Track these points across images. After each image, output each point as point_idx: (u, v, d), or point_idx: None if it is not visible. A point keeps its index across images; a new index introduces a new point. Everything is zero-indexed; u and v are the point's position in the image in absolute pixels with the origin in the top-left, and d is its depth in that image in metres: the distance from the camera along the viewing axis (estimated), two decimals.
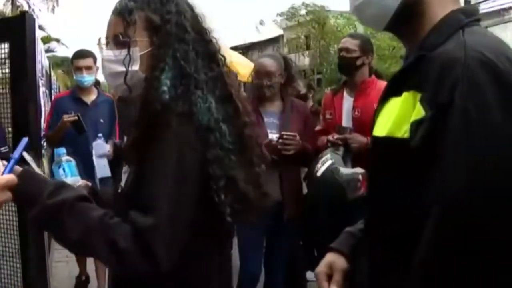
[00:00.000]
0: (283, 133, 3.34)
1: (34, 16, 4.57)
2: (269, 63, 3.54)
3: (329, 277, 1.44)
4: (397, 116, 1.21)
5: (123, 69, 1.48)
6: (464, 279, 1.08)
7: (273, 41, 34.14)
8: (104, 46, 1.56)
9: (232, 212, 1.39)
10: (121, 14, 1.48)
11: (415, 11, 1.25)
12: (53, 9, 24.87)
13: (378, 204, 1.30)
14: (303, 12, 23.01)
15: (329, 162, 3.25)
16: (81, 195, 1.38)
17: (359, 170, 3.23)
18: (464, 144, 1.07)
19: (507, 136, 1.07)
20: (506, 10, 24.73)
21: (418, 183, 1.13)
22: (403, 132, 1.17)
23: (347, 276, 1.44)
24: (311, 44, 24.51)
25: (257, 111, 3.51)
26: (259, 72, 3.55)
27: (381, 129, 1.27)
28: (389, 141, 1.22)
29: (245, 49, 32.52)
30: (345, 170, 3.26)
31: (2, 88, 4.57)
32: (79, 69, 4.49)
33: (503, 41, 1.22)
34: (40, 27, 26.31)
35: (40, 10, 24.93)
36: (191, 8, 1.53)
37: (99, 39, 1.62)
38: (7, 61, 4.34)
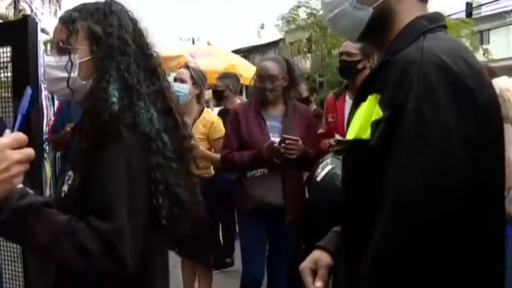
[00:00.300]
0: (285, 136, 3.33)
1: (37, 20, 4.56)
2: (272, 66, 3.54)
3: (314, 273, 1.47)
4: (362, 119, 1.25)
5: (62, 75, 1.54)
6: (414, 277, 1.12)
7: (275, 44, 34.18)
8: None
9: (168, 216, 1.48)
10: (65, 23, 1.56)
11: (385, 20, 1.31)
12: (55, 13, 24.91)
13: (350, 205, 1.35)
14: (303, 15, 23.03)
15: (329, 167, 3.24)
16: (46, 201, 1.46)
17: None
18: (418, 144, 1.11)
19: (459, 136, 1.11)
20: (508, 12, 24.73)
21: (379, 184, 1.17)
22: (368, 133, 1.22)
23: (332, 272, 1.47)
24: (313, 47, 24.54)
25: (259, 114, 3.51)
26: (262, 76, 3.53)
27: (350, 133, 1.32)
28: (356, 143, 1.27)
29: (246, 52, 32.58)
30: None
31: (4, 92, 4.58)
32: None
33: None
34: (43, 30, 26.27)
35: (42, 13, 24.92)
36: (133, 22, 1.61)
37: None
38: (9, 64, 4.35)
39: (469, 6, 20.63)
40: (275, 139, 3.43)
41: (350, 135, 1.32)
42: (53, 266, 1.60)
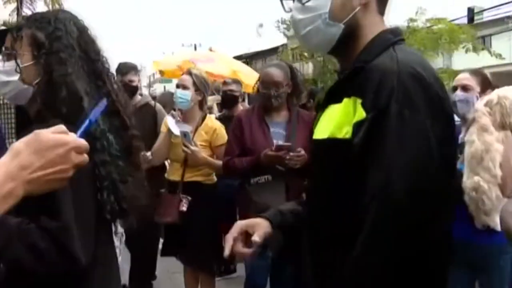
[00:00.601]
0: (278, 145, 3.32)
1: None
2: (276, 72, 3.52)
3: (245, 238, 1.53)
4: (338, 119, 1.36)
5: (7, 79, 1.64)
6: (397, 275, 1.23)
7: (277, 50, 34.16)
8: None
9: (113, 211, 1.57)
10: (12, 31, 1.68)
11: (354, 35, 1.44)
12: None
13: (320, 202, 1.44)
14: None
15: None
16: None
17: None
18: (400, 144, 1.24)
19: (434, 138, 1.26)
20: (510, 17, 24.71)
21: (358, 180, 1.28)
22: (344, 133, 1.34)
23: (267, 240, 1.54)
24: (314, 53, 24.52)
25: (263, 121, 3.49)
26: (266, 82, 3.51)
27: (322, 132, 1.42)
28: (330, 142, 1.37)
29: (248, 58, 32.56)
30: None
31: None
32: None
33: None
34: None
35: None
36: (80, 29, 1.71)
37: None
38: None
39: (470, 11, 20.62)
40: None
41: (322, 134, 1.42)
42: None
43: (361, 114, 1.30)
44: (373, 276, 1.24)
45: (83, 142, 1.22)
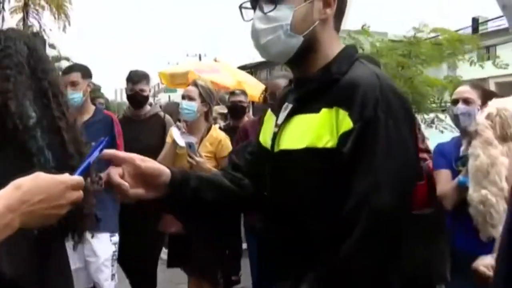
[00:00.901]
0: None
1: (45, 36, 4.64)
2: (284, 83, 3.51)
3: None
4: (317, 129, 1.40)
5: None
6: (387, 275, 1.32)
7: None
8: None
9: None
10: None
11: (311, 48, 1.50)
12: (64, 28, 25.10)
13: (295, 211, 1.46)
14: None
15: None
16: None
17: None
18: (388, 152, 1.32)
19: (410, 148, 1.38)
20: None
21: (339, 187, 1.33)
22: (324, 142, 1.38)
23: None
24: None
25: None
26: (274, 93, 3.51)
27: (296, 142, 1.44)
28: (309, 152, 1.40)
29: (253, 68, 32.58)
30: None
31: None
32: (65, 86, 3.79)
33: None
34: (51, 46, 26.52)
35: (50, 29, 25.16)
36: (30, 48, 1.77)
37: None
38: None
39: (475, 21, 20.63)
40: None
41: (296, 144, 1.44)
42: None
43: (348, 124, 1.35)
44: (365, 275, 1.30)
45: (79, 179, 1.30)
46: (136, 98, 4.53)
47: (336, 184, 1.35)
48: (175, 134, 3.92)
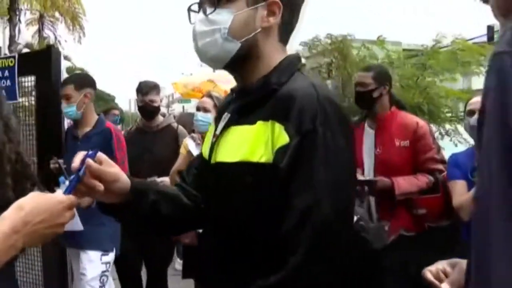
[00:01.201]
0: None
1: (60, 48, 4.66)
2: None
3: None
4: (252, 143, 1.37)
5: None
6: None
7: None
8: None
9: None
10: None
11: (251, 55, 1.48)
12: (79, 40, 25.30)
13: (228, 222, 1.44)
14: (324, 41, 22.89)
15: (354, 219, 3.19)
16: None
17: (384, 222, 3.19)
18: (325, 165, 1.30)
19: (348, 158, 1.37)
20: None
21: (277, 201, 1.31)
22: (259, 157, 1.35)
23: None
24: (333, 73, 24.45)
25: None
26: None
27: (230, 155, 1.42)
28: (244, 166, 1.37)
29: None
30: (371, 225, 3.20)
31: (28, 116, 4.64)
32: (61, 99, 3.83)
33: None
34: (66, 58, 26.78)
35: (66, 41, 25.41)
36: None
37: None
38: (33, 92, 4.43)
39: (490, 29, 20.52)
40: None
41: (230, 157, 1.42)
42: None
43: (284, 139, 1.33)
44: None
45: (73, 199, 1.33)
46: (147, 109, 4.48)
47: (273, 198, 1.33)
48: (190, 145, 3.93)
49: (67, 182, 1.43)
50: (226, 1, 1.45)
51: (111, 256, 3.78)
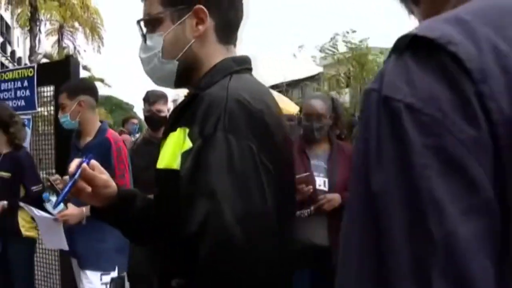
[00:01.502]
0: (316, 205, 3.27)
1: (79, 58, 4.64)
2: (320, 105, 3.45)
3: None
4: (172, 150, 1.37)
5: None
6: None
7: (312, 78, 34.25)
8: None
9: None
10: None
11: (193, 67, 1.46)
12: (98, 49, 25.56)
13: (165, 227, 1.42)
14: (342, 48, 22.92)
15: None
16: None
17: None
18: (226, 170, 1.22)
19: (261, 162, 1.25)
20: None
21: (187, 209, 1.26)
22: (178, 164, 1.32)
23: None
24: (351, 81, 24.42)
25: (303, 152, 3.42)
26: (309, 114, 3.45)
27: (160, 162, 1.43)
28: (167, 173, 1.37)
29: (286, 87, 32.68)
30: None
31: (47, 126, 4.64)
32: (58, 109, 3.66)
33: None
34: (85, 68, 27.08)
35: (85, 50, 25.71)
36: None
37: None
38: (52, 102, 4.46)
39: None
40: (321, 179, 3.35)
41: (160, 164, 1.42)
42: None
43: (187, 144, 1.31)
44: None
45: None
46: (154, 119, 4.30)
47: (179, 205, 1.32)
48: None
49: (52, 198, 1.44)
50: (153, 26, 1.46)
51: (111, 276, 3.63)
